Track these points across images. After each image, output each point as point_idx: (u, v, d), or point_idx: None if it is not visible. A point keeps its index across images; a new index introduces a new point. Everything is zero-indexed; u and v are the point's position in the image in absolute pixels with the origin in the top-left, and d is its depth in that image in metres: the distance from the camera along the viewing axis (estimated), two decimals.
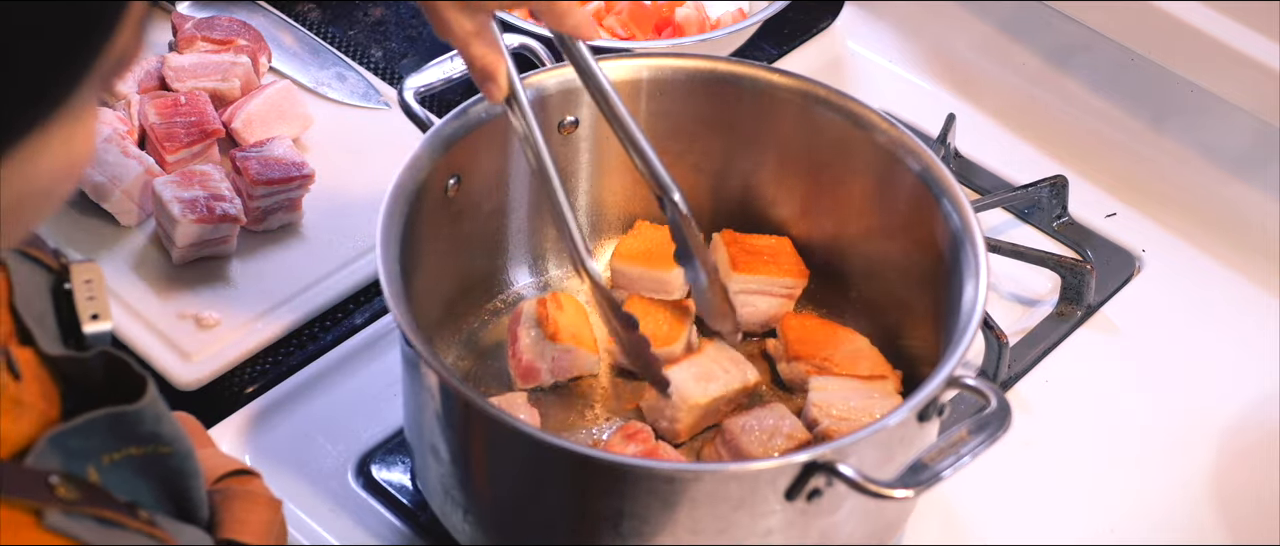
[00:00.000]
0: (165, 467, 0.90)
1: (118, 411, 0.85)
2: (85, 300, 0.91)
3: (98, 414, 0.84)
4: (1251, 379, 1.45)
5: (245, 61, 1.60)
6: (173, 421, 0.90)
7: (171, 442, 0.89)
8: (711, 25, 1.71)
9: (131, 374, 0.87)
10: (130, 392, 0.87)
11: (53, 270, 0.93)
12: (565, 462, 1.12)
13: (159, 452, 0.89)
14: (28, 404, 0.84)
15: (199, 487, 0.93)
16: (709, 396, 1.29)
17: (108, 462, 0.85)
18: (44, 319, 0.89)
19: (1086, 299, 1.48)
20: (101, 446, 0.85)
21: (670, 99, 1.38)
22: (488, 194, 1.35)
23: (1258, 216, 1.57)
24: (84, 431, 0.84)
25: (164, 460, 0.89)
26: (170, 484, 0.91)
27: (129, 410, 0.86)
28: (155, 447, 0.88)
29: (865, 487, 1.06)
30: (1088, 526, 1.32)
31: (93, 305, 0.91)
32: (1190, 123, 1.62)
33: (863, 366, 1.33)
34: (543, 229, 1.42)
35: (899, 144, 1.31)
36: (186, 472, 0.91)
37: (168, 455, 0.90)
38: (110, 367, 0.88)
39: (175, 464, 0.90)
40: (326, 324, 1.44)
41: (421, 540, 1.27)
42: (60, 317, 0.91)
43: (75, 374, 0.88)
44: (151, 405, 0.87)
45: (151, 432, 0.88)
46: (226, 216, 1.43)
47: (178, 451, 0.90)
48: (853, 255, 1.40)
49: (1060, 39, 1.69)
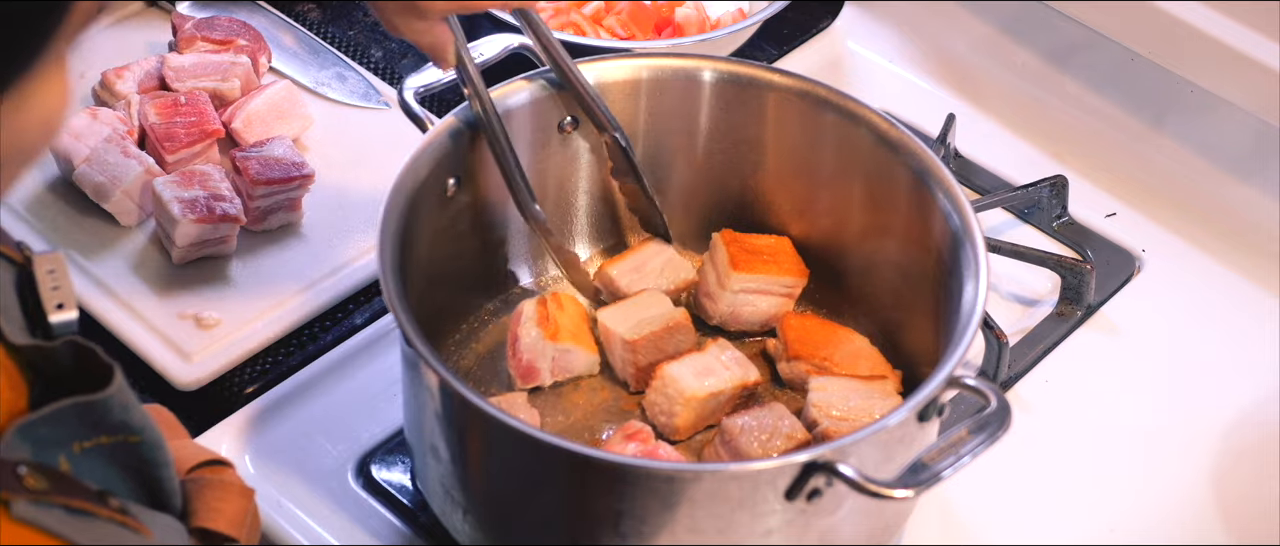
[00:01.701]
0: (136, 456, 0.90)
1: (85, 400, 0.85)
2: (50, 290, 0.91)
3: (65, 403, 0.84)
4: (1251, 379, 1.45)
5: (245, 61, 1.60)
6: (141, 410, 0.90)
7: (140, 431, 0.89)
8: (711, 25, 1.71)
9: (98, 362, 0.87)
10: (98, 381, 0.87)
11: (16, 263, 0.92)
12: (565, 462, 1.12)
13: (128, 441, 0.89)
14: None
15: (170, 476, 0.93)
16: (707, 390, 1.29)
17: (79, 451, 0.85)
18: (9, 310, 0.89)
19: (1086, 299, 1.48)
20: (72, 435, 0.85)
21: (670, 99, 1.38)
22: (488, 194, 1.35)
23: (1258, 216, 1.57)
24: (52, 420, 0.84)
25: (134, 448, 0.89)
26: (142, 472, 0.91)
27: (96, 399, 0.86)
28: (125, 436, 0.88)
29: (865, 487, 1.06)
30: (1088, 526, 1.32)
31: (57, 295, 0.91)
32: (1190, 123, 1.62)
33: (863, 366, 1.33)
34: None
35: (899, 144, 1.31)
36: (157, 462, 0.91)
37: (137, 444, 0.89)
38: (78, 356, 0.88)
39: (145, 453, 0.90)
40: (326, 324, 1.44)
41: (421, 540, 1.27)
42: (25, 309, 0.90)
43: (43, 364, 0.87)
44: (119, 393, 0.87)
45: (120, 421, 0.88)
46: (226, 216, 1.43)
47: (147, 440, 0.90)
48: (852, 255, 1.40)
49: (1060, 39, 1.69)
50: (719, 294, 1.38)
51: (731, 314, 1.39)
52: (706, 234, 1.43)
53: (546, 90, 1.34)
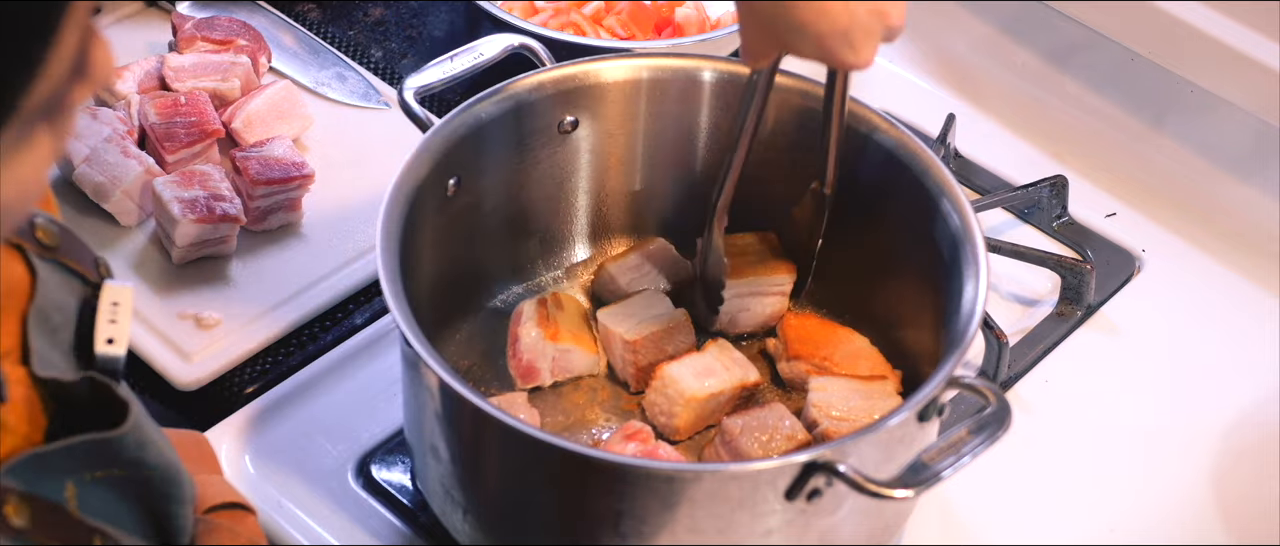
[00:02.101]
0: (148, 489, 0.89)
1: (97, 438, 0.84)
2: (107, 322, 0.90)
3: (76, 440, 0.83)
4: (1251, 379, 1.45)
5: (245, 61, 1.60)
6: (158, 449, 0.89)
7: (154, 469, 0.89)
8: (711, 25, 1.71)
9: (115, 399, 0.87)
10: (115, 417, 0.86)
11: (89, 282, 0.91)
12: (565, 462, 1.12)
13: (143, 475, 0.88)
14: (10, 426, 0.82)
15: (183, 513, 0.92)
16: (707, 391, 1.29)
17: (90, 479, 0.84)
18: (61, 332, 0.88)
19: (1086, 299, 1.48)
20: (83, 466, 0.84)
21: (670, 99, 1.38)
22: (488, 194, 1.35)
23: (1258, 216, 1.57)
24: (63, 453, 0.83)
25: (148, 482, 0.89)
26: (152, 506, 0.90)
27: (109, 437, 0.85)
28: (139, 471, 0.88)
29: (865, 487, 1.06)
30: (1088, 526, 1.32)
31: (112, 329, 0.89)
32: (1190, 123, 1.62)
33: (863, 366, 1.33)
34: (543, 229, 1.42)
35: (899, 144, 1.31)
36: (171, 497, 0.91)
37: (150, 477, 0.89)
38: (95, 391, 0.87)
39: (159, 487, 0.90)
40: (326, 324, 1.44)
41: (421, 540, 1.27)
42: (79, 331, 0.89)
43: (62, 397, 0.86)
44: (133, 431, 0.86)
45: (134, 459, 0.87)
46: (226, 216, 1.43)
47: (162, 476, 0.89)
48: (852, 255, 1.39)
49: (1060, 39, 1.69)
50: None
51: (730, 321, 1.39)
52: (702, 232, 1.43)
53: (546, 90, 1.34)
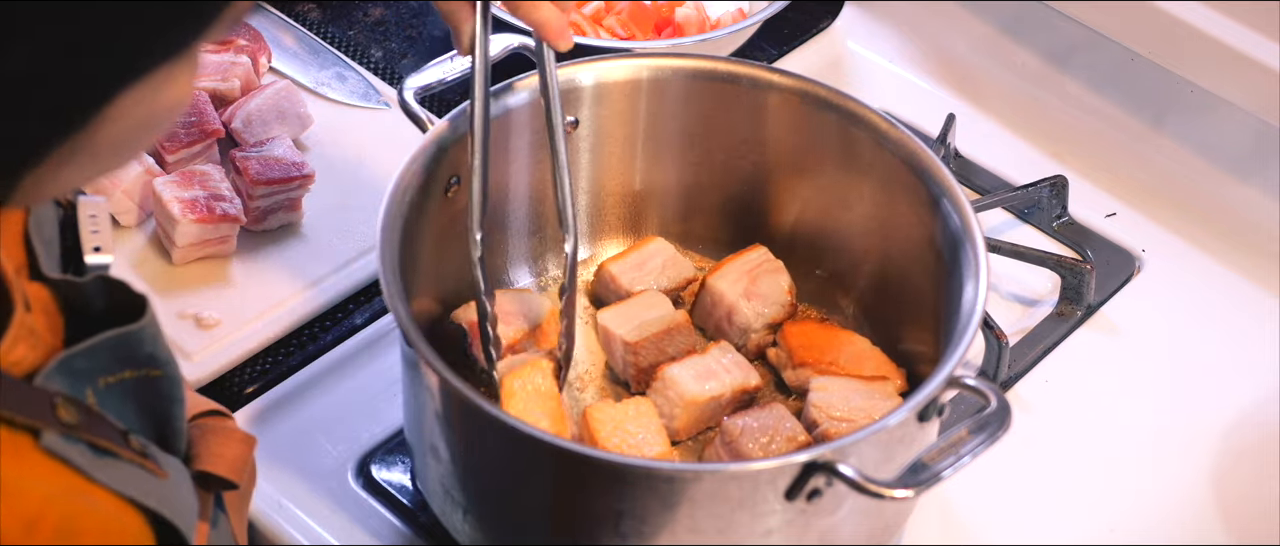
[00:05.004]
0: (154, 391, 0.91)
1: (123, 332, 0.87)
2: (90, 232, 0.94)
3: (104, 336, 0.86)
4: (1251, 379, 1.45)
5: (245, 61, 1.60)
6: (167, 344, 0.92)
7: (164, 365, 0.91)
8: (711, 25, 1.71)
9: (131, 295, 0.89)
10: (129, 316, 0.88)
11: (62, 205, 0.95)
12: (565, 462, 1.12)
13: (150, 375, 0.90)
14: (40, 334, 0.85)
15: (182, 415, 0.95)
16: (707, 394, 1.29)
17: (103, 386, 0.87)
18: (51, 246, 0.92)
19: (1086, 299, 1.48)
20: (102, 368, 0.87)
21: (670, 99, 1.38)
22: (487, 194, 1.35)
23: (1258, 216, 1.57)
24: (89, 354, 0.85)
25: (154, 383, 0.91)
26: (156, 409, 0.92)
27: (132, 330, 0.88)
28: (148, 370, 0.90)
29: (865, 487, 1.06)
30: (1088, 526, 1.32)
31: (97, 238, 0.94)
32: (1190, 123, 1.62)
33: (868, 367, 1.32)
34: (543, 229, 1.42)
35: (899, 144, 1.31)
36: (174, 398, 0.93)
37: (158, 377, 0.91)
38: (109, 292, 0.90)
39: (164, 388, 0.92)
40: (326, 324, 1.44)
41: (421, 540, 1.27)
42: (65, 247, 0.93)
43: (76, 300, 0.89)
44: (151, 324, 0.89)
45: (149, 354, 0.89)
46: (226, 216, 1.43)
47: (168, 374, 0.92)
48: (852, 255, 1.40)
49: (1060, 39, 1.69)
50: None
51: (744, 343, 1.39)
52: (706, 234, 1.43)
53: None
